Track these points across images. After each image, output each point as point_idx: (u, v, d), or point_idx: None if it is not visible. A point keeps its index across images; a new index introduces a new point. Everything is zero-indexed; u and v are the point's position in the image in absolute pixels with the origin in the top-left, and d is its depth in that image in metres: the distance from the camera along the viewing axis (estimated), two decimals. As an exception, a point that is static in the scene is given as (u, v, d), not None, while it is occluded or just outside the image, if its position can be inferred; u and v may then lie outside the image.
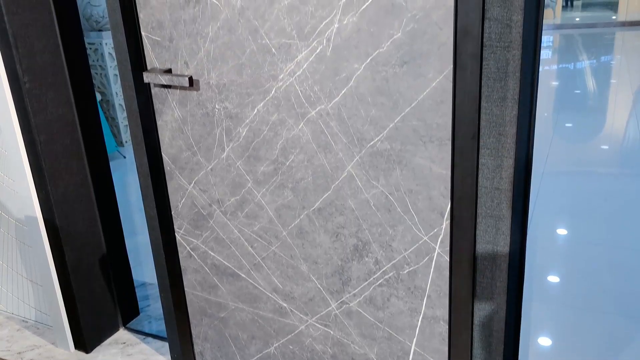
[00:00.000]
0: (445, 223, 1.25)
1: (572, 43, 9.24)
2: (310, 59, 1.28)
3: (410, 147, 1.23)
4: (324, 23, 1.23)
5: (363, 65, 1.22)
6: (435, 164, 1.22)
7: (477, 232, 1.24)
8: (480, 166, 1.19)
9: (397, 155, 1.25)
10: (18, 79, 1.68)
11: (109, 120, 4.91)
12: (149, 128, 1.58)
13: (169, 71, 1.47)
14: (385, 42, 1.18)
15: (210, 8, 1.35)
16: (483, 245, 1.24)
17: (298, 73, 1.30)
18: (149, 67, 1.52)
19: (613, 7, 11.25)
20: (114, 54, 4.70)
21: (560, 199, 3.46)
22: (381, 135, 1.26)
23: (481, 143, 1.17)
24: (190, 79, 1.42)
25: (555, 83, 6.97)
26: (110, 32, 4.63)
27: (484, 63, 1.11)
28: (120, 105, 4.86)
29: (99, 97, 4.76)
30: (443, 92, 1.16)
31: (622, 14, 10.19)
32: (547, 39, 9.76)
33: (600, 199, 3.42)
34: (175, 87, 1.49)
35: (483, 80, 1.12)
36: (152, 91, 1.54)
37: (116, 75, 4.79)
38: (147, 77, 1.47)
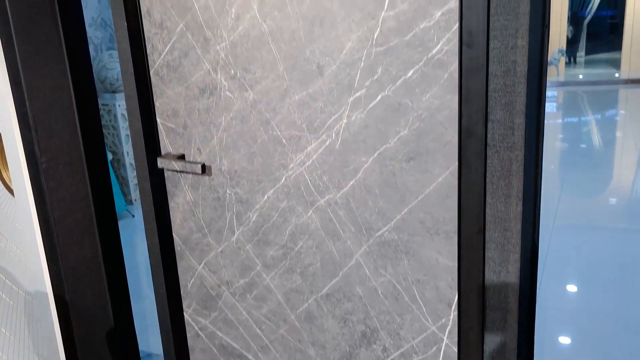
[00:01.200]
0: (453, 314, 1.26)
1: (576, 99, 9.37)
2: (320, 151, 1.32)
3: (418, 239, 1.25)
4: (333, 118, 1.28)
5: (371, 159, 1.26)
6: (442, 256, 1.24)
7: (485, 323, 1.24)
8: (486, 259, 1.20)
9: (404, 246, 1.28)
10: (36, 159, 1.73)
11: (119, 179, 4.98)
12: (161, 209, 1.61)
13: (182, 157, 1.52)
14: (392, 138, 1.22)
15: (224, 100, 1.41)
16: (491, 337, 1.24)
17: (308, 163, 1.34)
18: (163, 152, 1.57)
19: (615, 64, 11.45)
20: (126, 115, 4.82)
21: (571, 253, 3.44)
22: (388, 225, 1.28)
23: (487, 237, 1.19)
24: (203, 167, 1.47)
25: (560, 136, 7.03)
26: (123, 93, 4.77)
27: (488, 162, 1.14)
28: (130, 164, 4.93)
29: (110, 156, 4.85)
30: (449, 187, 1.19)
31: (625, 72, 10.36)
32: (551, 93, 9.92)
33: (610, 254, 3.40)
34: (188, 172, 1.53)
35: (487, 178, 1.15)
36: (166, 174, 1.59)
37: (128, 135, 4.89)
38: (161, 163, 1.52)
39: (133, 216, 4.73)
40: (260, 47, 1.32)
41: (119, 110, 4.80)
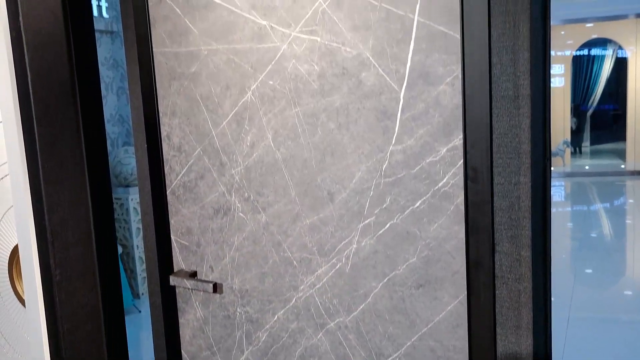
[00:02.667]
0: None
1: (584, 189, 9.42)
2: (330, 274, 1.34)
3: (428, 367, 1.24)
4: (343, 243, 1.31)
5: (380, 284, 1.28)
6: (454, 386, 1.22)
7: None
8: (499, 391, 1.18)
9: (415, 373, 1.26)
10: (50, 271, 1.76)
11: (127, 272, 4.98)
12: (171, 325, 1.61)
13: (194, 274, 1.54)
14: (401, 265, 1.24)
15: (237, 220, 1.45)
16: None
17: (318, 286, 1.36)
18: (176, 269, 1.59)
19: (621, 154, 11.60)
20: (138, 209, 4.90)
21: (588, 347, 3.34)
22: (399, 352, 1.28)
23: (499, 368, 1.18)
24: (215, 286, 1.49)
25: (570, 225, 7.01)
26: (136, 187, 4.88)
27: (496, 292, 1.15)
28: (140, 257, 4.95)
29: (120, 249, 4.88)
30: (458, 316, 1.19)
31: (631, 162, 10.48)
32: (558, 183, 10.00)
33: (629, 349, 3.29)
34: (199, 290, 1.55)
35: (497, 308, 1.16)
36: (177, 290, 1.60)
37: (139, 228, 4.94)
38: (173, 281, 1.54)
39: (139, 311, 4.68)
40: (273, 172, 1.38)
41: (131, 204, 4.88)
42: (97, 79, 1.80)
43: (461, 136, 1.14)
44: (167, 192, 1.57)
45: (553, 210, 7.82)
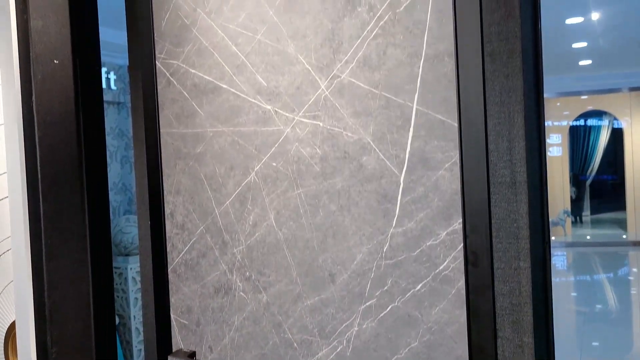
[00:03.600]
0: None
1: (587, 260, 9.35)
2: (331, 357, 1.32)
3: None
4: (344, 325, 1.30)
5: (382, 369, 1.26)
6: None
7: None
8: None
9: None
10: (46, 349, 1.74)
11: (123, 344, 4.87)
12: (167, 407, 1.57)
13: (193, 354, 1.52)
14: (403, 349, 1.23)
15: (238, 300, 1.45)
16: None
17: (318, 369, 1.34)
18: (174, 348, 1.57)
19: (622, 224, 11.59)
20: (137, 278, 4.85)
21: None
22: None
23: None
24: (213, 367, 1.46)
25: (574, 294, 6.90)
26: (136, 257, 4.86)
27: (500, 379, 1.14)
28: (137, 328, 4.86)
29: (117, 320, 4.80)
30: (462, 404, 1.17)
31: (632, 233, 10.45)
32: (560, 253, 9.94)
33: None
34: (197, 370, 1.52)
35: (501, 396, 1.14)
36: (175, 370, 1.58)
37: (137, 298, 4.88)
38: (171, 361, 1.52)
39: (134, 385, 4.54)
40: (275, 252, 1.39)
41: (130, 273, 4.85)
42: (103, 155, 1.85)
43: (460, 220, 1.16)
44: (169, 270, 1.58)
45: (556, 279, 7.74)
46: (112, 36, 4.86)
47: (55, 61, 1.74)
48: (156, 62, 1.56)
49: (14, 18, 1.70)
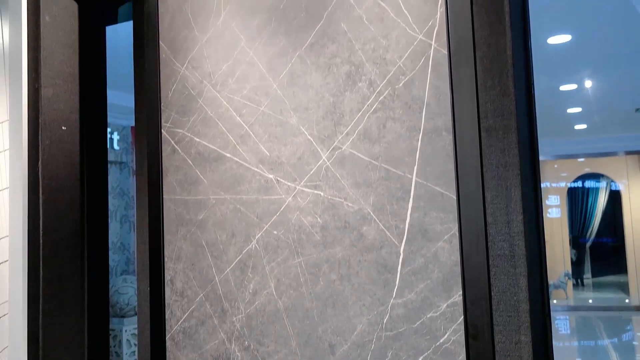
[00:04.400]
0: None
1: (590, 324, 9.19)
2: None
3: None
4: (344, 398, 1.28)
5: None
6: None
7: None
8: None
9: None
10: (38, 419, 1.69)
11: (116, 409, 4.72)
12: None
13: None
14: None
15: (236, 370, 1.43)
16: None
17: None
18: (169, 420, 1.53)
19: (624, 287, 11.45)
20: (131, 340, 4.76)
21: None
22: None
23: None
24: None
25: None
26: (131, 318, 4.79)
27: None
28: (129, 393, 4.72)
29: (109, 384, 4.66)
30: None
31: (635, 297, 10.32)
32: (563, 316, 9.77)
33: None
34: None
35: None
36: None
37: (131, 361, 4.76)
38: None
39: None
40: (274, 321, 1.38)
41: (124, 335, 4.75)
42: (105, 220, 1.87)
43: (461, 292, 1.16)
44: (167, 338, 1.56)
45: (559, 344, 7.57)
46: (117, 98, 4.99)
47: (63, 127, 1.79)
48: (162, 130, 1.60)
49: (25, 87, 1.75)
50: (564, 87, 5.75)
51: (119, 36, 2.81)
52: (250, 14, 1.46)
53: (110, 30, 2.12)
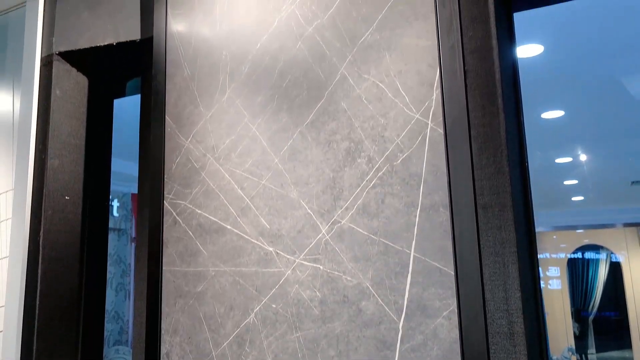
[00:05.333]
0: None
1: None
2: None
3: None
4: None
5: None
6: None
7: None
8: None
9: None
10: None
11: None
12: None
13: None
14: None
15: None
16: None
17: None
18: None
19: (629, 363, 11.15)
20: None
21: None
22: None
23: None
24: None
25: None
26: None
27: None
28: None
29: None
30: None
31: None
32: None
33: None
34: None
35: None
36: None
37: None
38: None
39: None
40: None
41: (114, 410, 4.59)
42: (103, 291, 1.86)
43: (461, 371, 1.15)
44: (160, 415, 1.52)
45: None
46: (118, 165, 5.05)
47: (66, 197, 1.82)
48: (164, 201, 1.63)
49: (32, 157, 1.80)
50: (560, 160, 5.85)
51: (125, 106, 2.90)
52: (254, 92, 1.53)
53: (117, 101, 2.20)
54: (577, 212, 9.69)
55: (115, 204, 5.81)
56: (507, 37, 1.34)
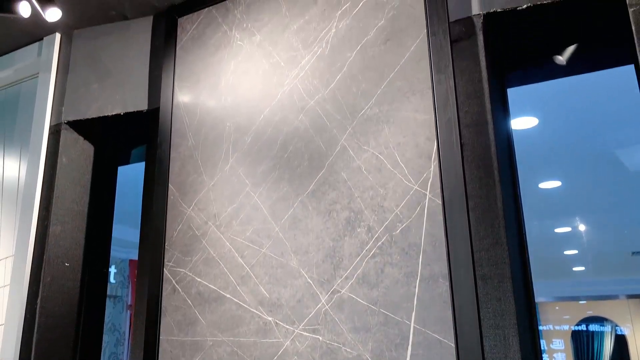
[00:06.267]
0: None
1: None
2: None
3: None
4: None
5: None
6: None
7: None
8: None
9: None
10: None
11: None
12: None
13: None
14: None
15: None
16: None
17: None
18: None
19: None
20: None
21: None
22: None
23: None
24: None
25: None
26: None
27: None
28: None
29: None
30: None
31: None
32: None
33: None
34: None
35: None
36: None
37: None
38: None
39: None
40: None
41: None
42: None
43: None
44: None
45: None
46: (117, 231, 5.05)
47: (66, 264, 1.82)
48: (164, 269, 1.63)
49: (34, 224, 1.81)
50: (559, 230, 5.85)
51: (127, 172, 2.94)
52: (257, 162, 1.56)
53: (120, 168, 2.24)
54: (578, 282, 9.58)
55: (112, 269, 5.76)
56: (502, 112, 1.40)
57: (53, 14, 1.69)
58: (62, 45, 2.03)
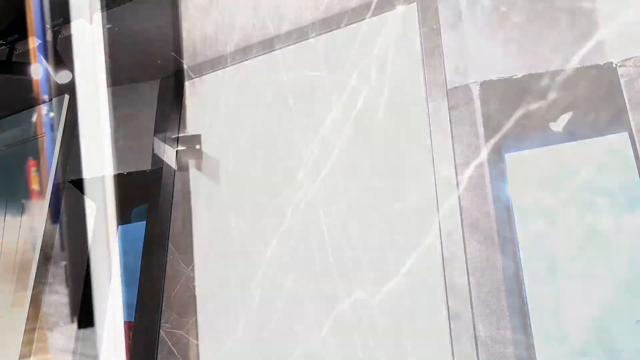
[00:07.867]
0: None
1: None
2: None
3: None
4: None
5: None
6: None
7: None
8: None
9: None
10: None
11: None
12: None
13: None
14: None
15: None
16: None
17: None
18: None
19: None
20: None
21: None
22: None
23: None
24: None
25: None
26: None
27: None
28: None
29: None
30: None
31: None
32: None
33: None
34: None
35: None
36: None
37: None
38: None
39: None
40: None
41: None
42: None
43: None
44: None
45: None
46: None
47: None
48: (160, 330, 1.60)
49: (31, 286, 1.79)
50: None
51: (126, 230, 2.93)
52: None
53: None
54: None
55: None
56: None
57: (64, 77, 1.74)
58: (69, 106, 2.07)
